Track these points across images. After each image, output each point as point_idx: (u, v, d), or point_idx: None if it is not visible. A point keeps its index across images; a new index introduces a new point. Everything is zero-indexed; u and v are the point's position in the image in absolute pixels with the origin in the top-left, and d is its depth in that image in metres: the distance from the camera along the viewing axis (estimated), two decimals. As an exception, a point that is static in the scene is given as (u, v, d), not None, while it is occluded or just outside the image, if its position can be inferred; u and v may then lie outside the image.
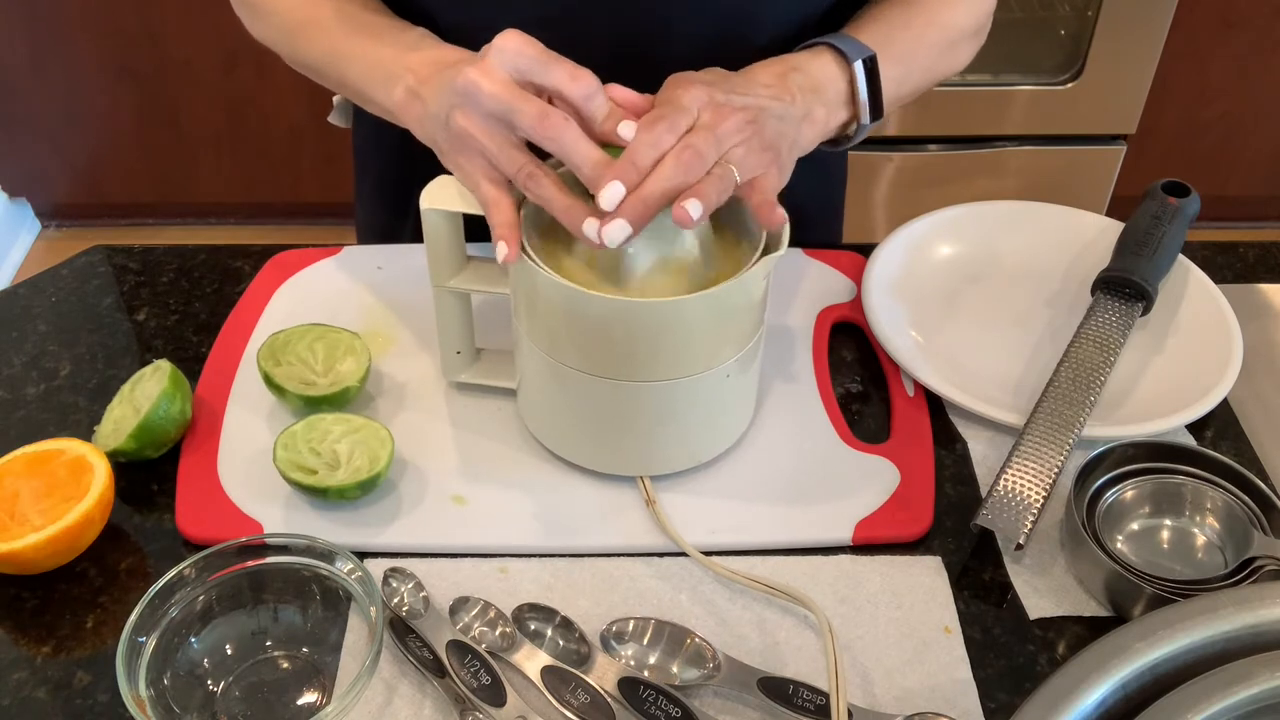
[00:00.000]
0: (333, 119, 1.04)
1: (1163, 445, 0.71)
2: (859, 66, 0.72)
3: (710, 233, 0.68)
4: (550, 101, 0.64)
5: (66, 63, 2.10)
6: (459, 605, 0.65)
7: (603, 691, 0.61)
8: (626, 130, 0.62)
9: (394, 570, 0.66)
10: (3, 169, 2.30)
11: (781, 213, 0.64)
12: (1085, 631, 0.66)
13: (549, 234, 0.69)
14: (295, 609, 0.65)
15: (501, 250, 0.64)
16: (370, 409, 0.77)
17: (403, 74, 0.68)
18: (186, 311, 0.86)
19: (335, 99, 1.04)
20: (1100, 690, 0.49)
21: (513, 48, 0.63)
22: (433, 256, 0.70)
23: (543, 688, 0.61)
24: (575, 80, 0.62)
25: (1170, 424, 0.75)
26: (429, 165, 0.69)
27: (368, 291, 0.86)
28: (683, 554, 0.69)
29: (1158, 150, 2.11)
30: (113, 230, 2.40)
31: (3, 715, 0.61)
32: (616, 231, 0.61)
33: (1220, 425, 0.78)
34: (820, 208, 1.01)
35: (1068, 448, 0.72)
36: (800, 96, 0.69)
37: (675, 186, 0.61)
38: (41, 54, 2.09)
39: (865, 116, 0.74)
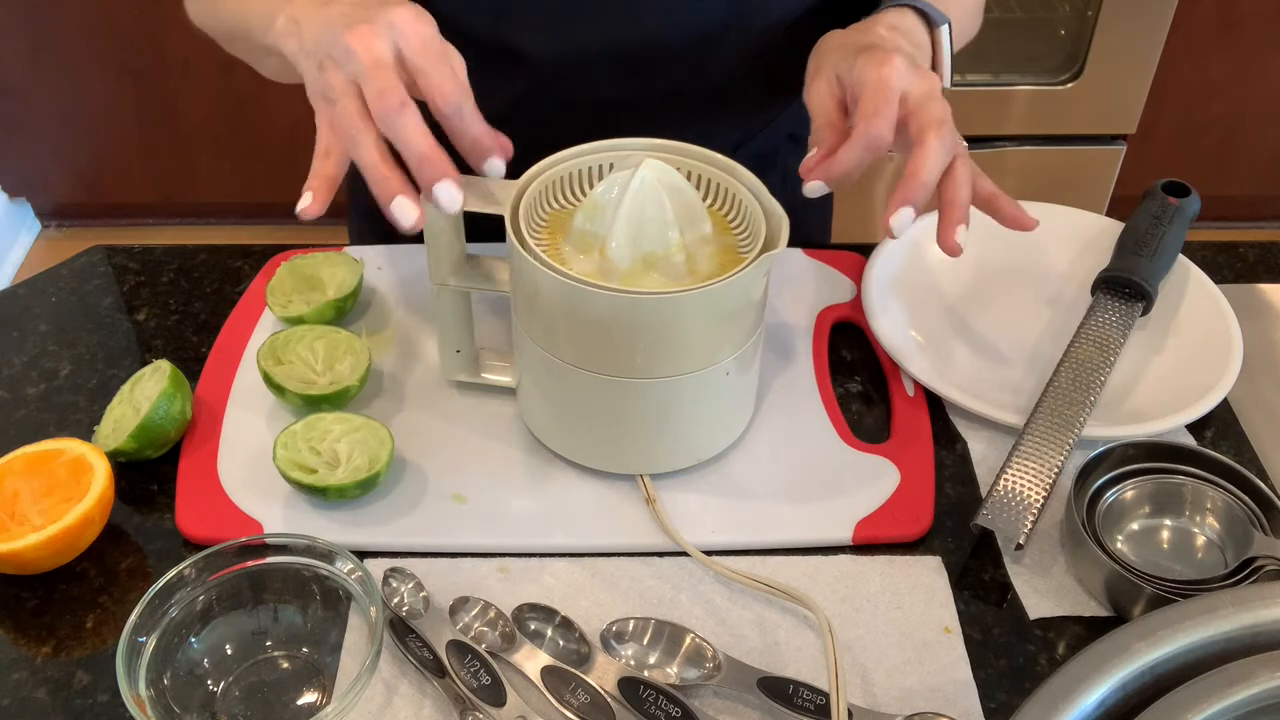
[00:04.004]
0: None
1: (1163, 445, 0.71)
2: (945, 31, 0.73)
3: (712, 229, 0.68)
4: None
5: (66, 63, 2.10)
6: (459, 605, 0.65)
7: (603, 691, 0.61)
8: (492, 168, 0.61)
9: (394, 570, 0.66)
10: (3, 169, 2.30)
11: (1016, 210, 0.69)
12: (1085, 631, 0.66)
13: (551, 231, 0.69)
14: (295, 609, 0.65)
15: (305, 199, 0.61)
16: (370, 408, 0.77)
17: (285, 6, 0.66)
18: (186, 311, 0.86)
19: None
20: (1100, 690, 0.49)
21: (405, 30, 0.59)
22: (433, 254, 0.70)
23: (543, 688, 0.61)
24: (442, 95, 0.59)
25: (1170, 424, 0.75)
26: None
27: (368, 291, 0.86)
28: (683, 554, 0.69)
29: (1158, 150, 2.11)
30: (113, 230, 2.40)
31: (3, 715, 0.61)
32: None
33: (1220, 425, 0.78)
34: (812, 202, 1.02)
35: (1068, 448, 0.72)
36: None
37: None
38: (41, 54, 2.09)
39: (946, 80, 0.74)
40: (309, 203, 0.61)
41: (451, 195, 0.59)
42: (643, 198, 0.65)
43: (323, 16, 0.62)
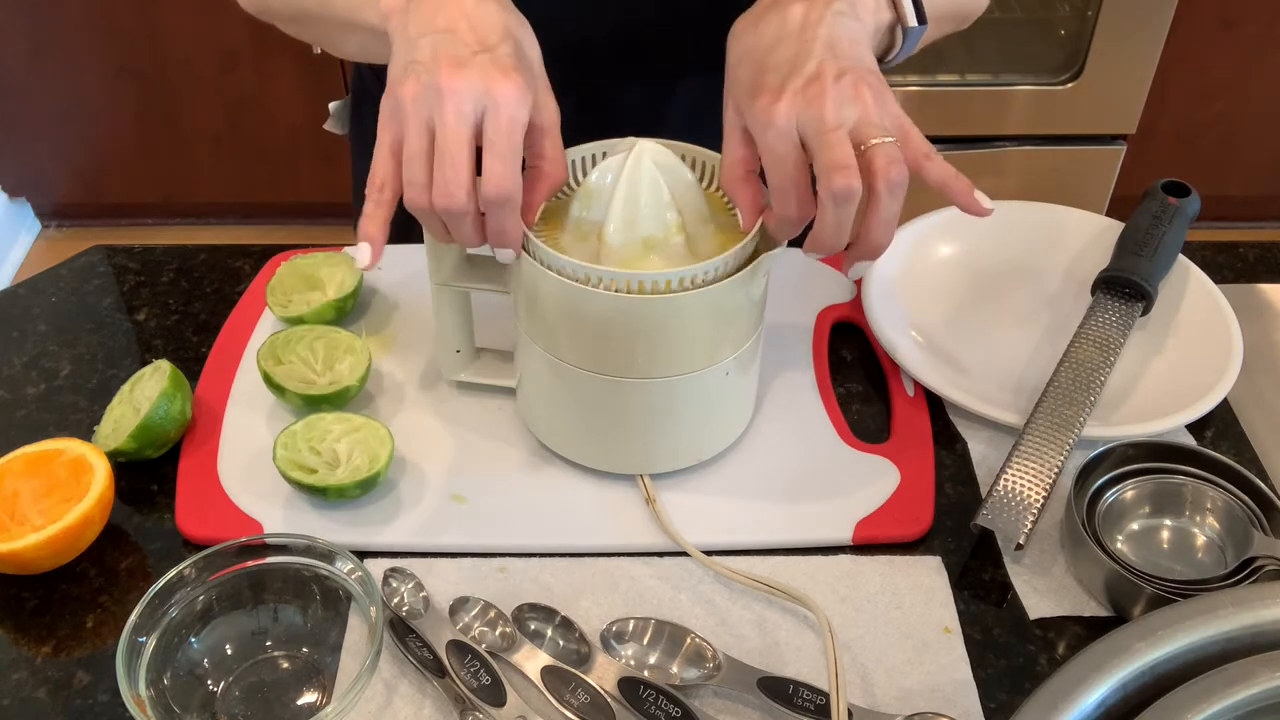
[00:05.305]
0: (329, 126, 1.03)
1: (1163, 445, 0.71)
2: None
3: (710, 209, 0.68)
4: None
5: (66, 63, 2.10)
6: (459, 605, 0.65)
7: (603, 691, 0.61)
8: (503, 256, 0.64)
9: (394, 570, 0.66)
10: (3, 169, 2.30)
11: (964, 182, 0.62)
12: (1085, 631, 0.66)
13: (549, 224, 0.69)
14: (295, 609, 0.65)
15: (362, 254, 0.61)
16: (370, 408, 0.77)
17: None
18: (186, 311, 0.86)
19: (331, 106, 1.03)
20: (1100, 690, 0.49)
21: (499, 105, 0.58)
22: (432, 254, 0.70)
23: (543, 688, 0.61)
24: (495, 184, 0.59)
25: (1170, 424, 0.75)
26: None
27: (368, 291, 0.86)
28: (683, 554, 0.69)
29: (1158, 150, 2.11)
30: (113, 230, 2.40)
31: (3, 715, 0.61)
32: None
33: (1220, 425, 0.78)
34: None
35: (1068, 448, 0.72)
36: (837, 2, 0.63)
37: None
38: (41, 54, 2.09)
39: (909, 15, 0.67)
40: (368, 258, 0.61)
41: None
42: (638, 180, 0.64)
43: (438, 16, 0.60)
